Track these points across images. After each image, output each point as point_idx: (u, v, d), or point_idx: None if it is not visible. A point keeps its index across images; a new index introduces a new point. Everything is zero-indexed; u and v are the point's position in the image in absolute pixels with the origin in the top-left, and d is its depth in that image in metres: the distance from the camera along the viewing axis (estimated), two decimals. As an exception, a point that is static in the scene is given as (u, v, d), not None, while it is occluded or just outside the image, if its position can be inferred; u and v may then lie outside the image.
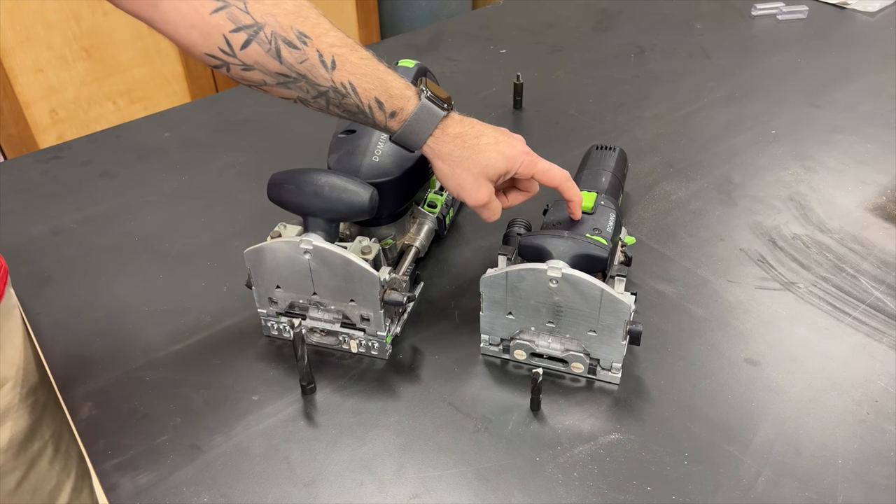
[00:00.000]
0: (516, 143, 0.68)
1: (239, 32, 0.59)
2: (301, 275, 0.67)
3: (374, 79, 0.63)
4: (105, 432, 0.65)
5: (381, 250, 0.70)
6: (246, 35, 0.59)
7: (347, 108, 0.64)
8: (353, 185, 0.66)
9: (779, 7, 1.34)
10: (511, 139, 0.68)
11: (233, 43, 0.59)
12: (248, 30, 0.59)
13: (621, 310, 0.63)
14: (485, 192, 0.67)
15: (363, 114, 0.64)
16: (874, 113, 1.06)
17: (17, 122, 1.92)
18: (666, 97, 1.12)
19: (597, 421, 0.65)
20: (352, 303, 0.68)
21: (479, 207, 0.68)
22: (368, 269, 0.65)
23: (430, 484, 0.60)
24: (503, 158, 0.66)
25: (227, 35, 0.59)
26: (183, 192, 0.94)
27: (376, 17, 2.42)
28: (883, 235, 0.84)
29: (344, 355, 0.72)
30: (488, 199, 0.67)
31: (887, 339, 0.71)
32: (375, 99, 0.63)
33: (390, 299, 0.67)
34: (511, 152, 0.67)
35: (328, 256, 0.65)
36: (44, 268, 0.83)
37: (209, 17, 0.58)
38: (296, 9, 0.61)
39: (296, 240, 0.65)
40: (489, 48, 1.27)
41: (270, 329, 0.73)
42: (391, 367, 0.71)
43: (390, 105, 0.64)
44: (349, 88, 0.62)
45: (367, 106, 0.63)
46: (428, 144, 0.66)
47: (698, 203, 0.90)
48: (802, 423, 0.64)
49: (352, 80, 0.62)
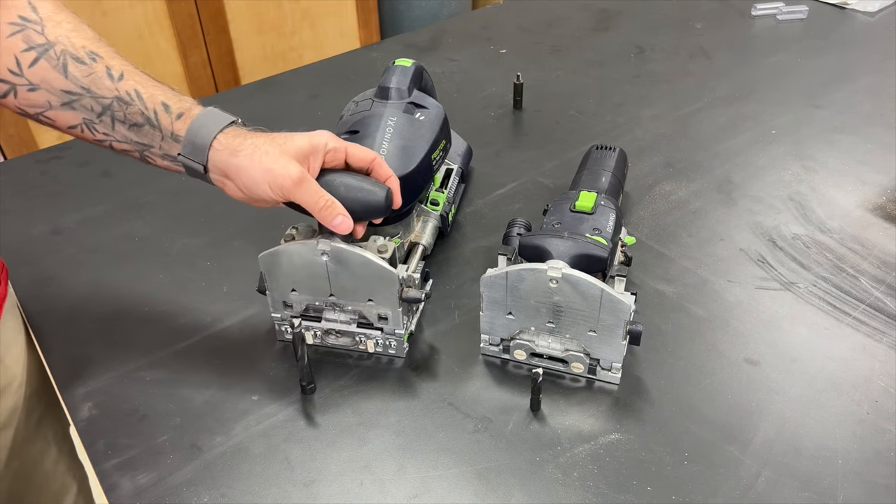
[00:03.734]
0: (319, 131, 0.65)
1: (30, 51, 0.58)
2: (318, 276, 0.67)
3: (162, 89, 0.62)
4: (105, 432, 0.65)
5: (395, 249, 0.70)
6: (36, 53, 0.58)
7: (132, 120, 0.61)
8: (369, 184, 0.65)
9: (779, 7, 1.34)
10: None
11: (21, 62, 0.58)
12: (38, 48, 0.58)
13: (621, 310, 0.63)
14: (295, 168, 0.60)
15: (148, 122, 0.61)
16: (874, 113, 1.06)
17: (17, 122, 1.92)
18: (666, 97, 1.12)
19: (597, 421, 0.65)
20: (370, 302, 0.68)
21: (297, 189, 0.61)
22: (388, 267, 0.65)
23: (430, 484, 0.60)
24: (305, 137, 0.62)
25: (18, 55, 0.58)
26: (183, 192, 0.94)
27: (376, 17, 2.41)
28: (883, 235, 0.84)
29: (344, 355, 0.72)
30: (301, 175, 0.61)
31: (887, 339, 0.71)
32: (162, 102, 0.61)
33: (408, 297, 0.67)
34: (312, 133, 0.63)
35: (347, 257, 0.65)
36: (44, 268, 0.83)
37: (5, 40, 0.58)
38: (94, 36, 0.61)
39: (313, 242, 0.65)
40: (489, 48, 1.27)
41: (284, 334, 0.73)
42: (391, 367, 0.71)
43: (177, 107, 0.61)
44: (134, 95, 0.60)
45: (153, 110, 0.61)
46: (219, 140, 0.61)
47: (698, 203, 0.90)
48: (802, 423, 0.64)
49: (137, 88, 0.61)
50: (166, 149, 0.62)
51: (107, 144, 0.63)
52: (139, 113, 0.60)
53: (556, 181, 0.94)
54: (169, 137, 0.61)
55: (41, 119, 0.61)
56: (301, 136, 0.62)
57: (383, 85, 0.79)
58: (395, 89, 0.78)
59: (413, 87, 0.80)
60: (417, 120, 0.77)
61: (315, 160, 0.63)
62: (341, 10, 2.33)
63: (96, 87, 0.60)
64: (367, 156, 0.66)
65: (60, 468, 0.83)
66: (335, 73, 1.22)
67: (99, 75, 0.60)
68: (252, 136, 0.62)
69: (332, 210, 0.62)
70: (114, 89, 0.60)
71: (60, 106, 0.60)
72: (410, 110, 0.77)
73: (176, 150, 0.62)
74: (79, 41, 0.60)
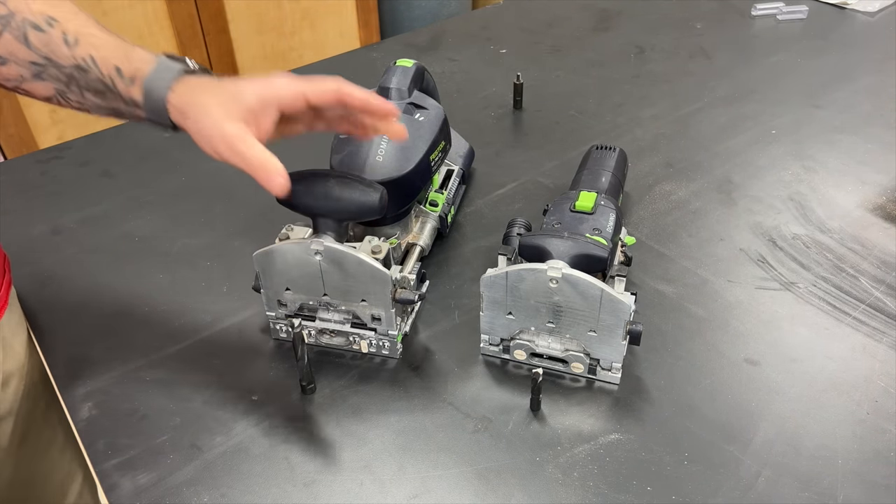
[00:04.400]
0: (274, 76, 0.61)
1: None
2: (312, 276, 0.67)
3: (115, 49, 0.59)
4: (105, 432, 0.65)
5: (390, 250, 0.70)
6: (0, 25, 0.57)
7: (94, 87, 0.59)
8: (363, 185, 0.66)
9: (779, 7, 1.34)
10: None
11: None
12: (1, 20, 0.57)
13: (621, 310, 0.63)
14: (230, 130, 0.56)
15: (108, 89, 0.59)
16: (874, 113, 1.06)
17: (17, 122, 1.92)
18: (666, 97, 1.12)
19: (597, 421, 0.65)
20: (363, 303, 0.68)
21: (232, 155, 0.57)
22: (381, 268, 0.65)
23: (430, 484, 0.60)
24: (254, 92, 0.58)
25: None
26: (183, 192, 0.94)
27: (376, 17, 2.42)
28: (883, 235, 0.84)
29: (344, 355, 0.72)
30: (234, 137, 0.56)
31: (887, 339, 0.71)
32: (115, 67, 0.58)
33: (402, 298, 0.67)
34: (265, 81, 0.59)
35: (340, 257, 0.65)
36: (44, 268, 0.83)
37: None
38: (55, 1, 0.59)
39: (306, 241, 0.65)
40: (489, 48, 1.27)
41: (279, 332, 0.73)
42: (391, 367, 0.71)
43: (128, 70, 0.58)
44: (90, 62, 0.58)
45: (109, 77, 0.58)
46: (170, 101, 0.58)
47: (698, 203, 0.90)
48: (802, 423, 0.64)
49: (92, 53, 0.58)
50: (134, 113, 0.60)
51: (86, 111, 0.61)
52: (97, 80, 0.59)
53: (556, 181, 0.94)
54: (130, 104, 0.59)
55: (20, 91, 0.60)
56: (251, 91, 0.58)
57: (383, 85, 0.79)
58: (395, 89, 0.78)
59: (413, 87, 0.80)
60: (416, 121, 0.77)
61: (266, 117, 0.58)
62: (341, 10, 2.33)
63: (56, 56, 0.58)
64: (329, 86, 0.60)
65: (67, 456, 0.82)
66: (335, 73, 1.21)
67: (57, 43, 0.58)
68: (200, 90, 0.58)
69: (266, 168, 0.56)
70: (71, 57, 0.58)
71: (32, 78, 0.59)
72: (410, 111, 0.77)
73: (142, 114, 0.60)
74: (36, 6, 0.58)
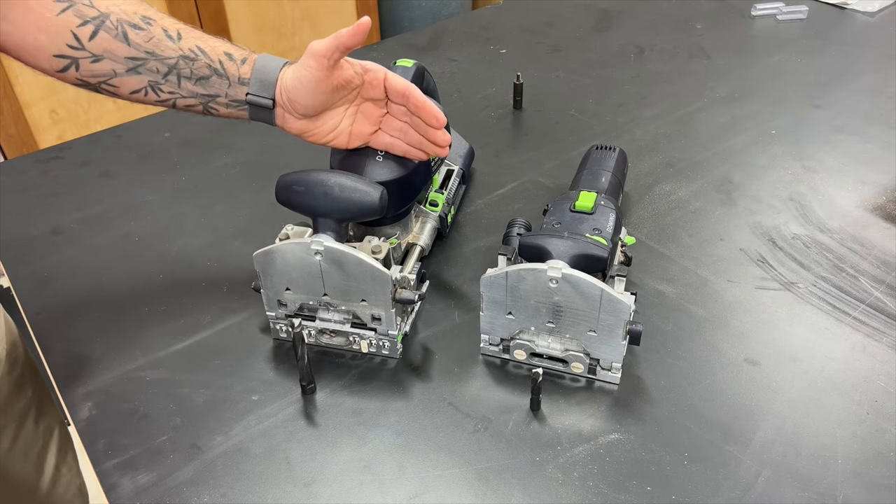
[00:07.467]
0: None
1: (86, 25, 0.62)
2: (312, 276, 0.67)
3: (216, 39, 0.67)
4: (105, 432, 0.65)
5: (390, 250, 0.70)
6: (93, 26, 0.62)
7: (199, 74, 0.66)
8: (363, 185, 0.66)
9: (779, 7, 1.34)
10: None
11: (80, 36, 0.62)
12: (94, 21, 0.62)
13: (621, 310, 0.63)
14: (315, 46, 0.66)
15: (216, 73, 0.66)
16: (874, 113, 1.06)
17: (17, 122, 1.92)
18: (666, 97, 1.12)
19: (597, 421, 0.65)
20: (363, 302, 0.68)
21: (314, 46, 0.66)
22: (380, 268, 0.65)
23: (430, 484, 0.60)
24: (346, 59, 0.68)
25: (75, 30, 0.62)
26: (183, 192, 0.94)
27: (376, 17, 2.42)
28: (883, 235, 0.84)
29: (344, 355, 0.72)
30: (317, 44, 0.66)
31: (887, 339, 0.71)
32: (225, 52, 0.66)
33: (402, 298, 0.67)
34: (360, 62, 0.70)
35: (340, 257, 0.65)
36: (44, 268, 0.83)
37: (56, 18, 0.61)
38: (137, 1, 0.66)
39: (307, 241, 0.65)
40: (489, 48, 1.27)
41: (279, 332, 0.73)
42: (391, 367, 0.71)
43: (239, 54, 0.67)
44: (197, 51, 0.65)
45: (218, 61, 0.66)
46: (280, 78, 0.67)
47: (698, 203, 0.90)
48: (802, 423, 0.64)
49: (198, 44, 0.66)
50: (233, 94, 0.67)
51: (170, 103, 0.67)
52: (205, 66, 0.66)
53: (556, 181, 0.94)
54: (236, 83, 0.67)
55: (103, 87, 0.65)
56: None
57: (383, 85, 0.79)
58: (395, 89, 0.78)
59: (413, 87, 0.80)
60: (417, 120, 0.77)
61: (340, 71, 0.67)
62: (341, 10, 2.33)
63: (160, 50, 0.64)
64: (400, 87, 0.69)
65: (42, 427, 0.82)
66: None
67: (159, 38, 0.64)
68: None
69: (352, 27, 0.66)
70: (177, 49, 0.65)
71: (126, 72, 0.64)
72: (410, 110, 0.77)
73: (244, 93, 0.67)
74: (129, 7, 0.64)
